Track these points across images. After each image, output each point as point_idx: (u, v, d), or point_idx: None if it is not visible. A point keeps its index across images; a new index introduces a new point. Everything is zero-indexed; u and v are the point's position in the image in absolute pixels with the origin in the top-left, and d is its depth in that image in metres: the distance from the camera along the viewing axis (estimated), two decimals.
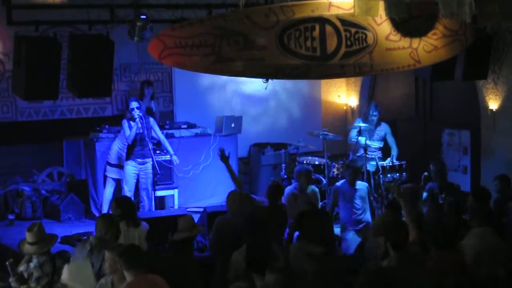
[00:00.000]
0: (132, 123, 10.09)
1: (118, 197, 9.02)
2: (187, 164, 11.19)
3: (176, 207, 10.73)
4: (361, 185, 9.78)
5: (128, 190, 10.11)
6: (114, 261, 5.94)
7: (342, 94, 13.73)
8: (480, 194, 7.89)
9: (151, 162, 10.18)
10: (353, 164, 10.05)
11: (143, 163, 10.19)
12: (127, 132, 10.08)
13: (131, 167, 10.17)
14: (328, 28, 8.60)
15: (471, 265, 6.25)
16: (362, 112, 12.79)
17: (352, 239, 9.37)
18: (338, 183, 9.92)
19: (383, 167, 10.98)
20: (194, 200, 11.10)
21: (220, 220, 7.73)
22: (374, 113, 11.30)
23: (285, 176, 11.44)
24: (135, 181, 10.21)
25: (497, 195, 8.68)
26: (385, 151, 11.47)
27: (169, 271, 6.20)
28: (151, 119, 10.48)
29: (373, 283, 5.07)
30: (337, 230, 9.43)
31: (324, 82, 13.54)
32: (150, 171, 10.22)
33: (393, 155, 11.26)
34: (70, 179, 11.52)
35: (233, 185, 11.42)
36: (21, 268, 6.55)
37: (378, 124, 11.39)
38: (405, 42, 8.97)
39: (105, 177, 10.68)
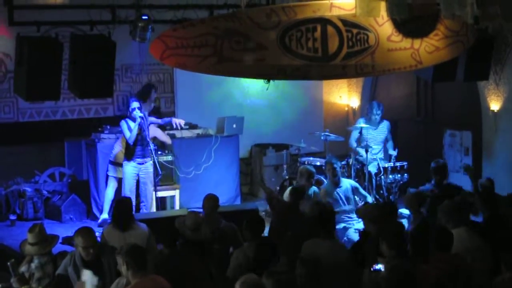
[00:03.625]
0: (131, 123, 10.05)
1: (118, 199, 8.99)
2: (189, 164, 11.18)
3: (177, 207, 10.71)
4: (346, 183, 9.73)
5: (128, 191, 10.08)
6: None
7: (344, 95, 13.73)
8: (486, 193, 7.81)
9: (151, 162, 10.17)
10: (328, 161, 9.88)
11: (143, 163, 10.17)
12: (127, 133, 10.04)
13: (131, 168, 10.14)
14: (330, 29, 8.61)
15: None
16: (363, 112, 12.78)
17: None
18: (324, 184, 9.90)
19: (384, 168, 10.97)
20: (195, 200, 11.05)
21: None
22: (377, 112, 11.30)
23: (287, 177, 11.44)
24: (135, 181, 10.19)
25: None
26: (387, 152, 11.48)
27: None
28: (151, 119, 10.49)
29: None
30: None
31: (325, 83, 13.54)
32: (151, 170, 10.20)
33: (388, 148, 11.26)
34: (71, 180, 11.52)
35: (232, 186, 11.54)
36: (23, 268, 6.55)
37: (380, 123, 11.40)
38: (406, 43, 8.98)
39: (107, 177, 10.67)
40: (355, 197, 9.66)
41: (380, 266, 5.72)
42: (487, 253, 6.43)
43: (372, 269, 5.76)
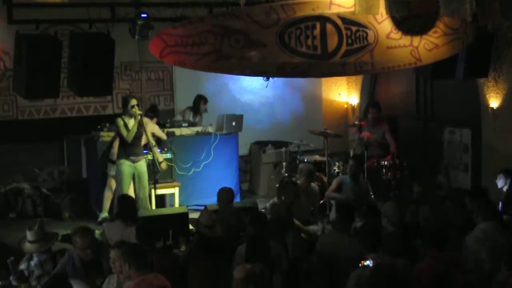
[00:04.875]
0: (128, 120, 9.99)
1: (121, 195, 9.00)
2: (188, 162, 11.18)
3: (176, 205, 10.71)
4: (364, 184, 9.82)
5: (126, 189, 10.02)
6: (122, 260, 5.94)
7: (343, 92, 13.73)
8: (476, 192, 7.88)
9: (144, 159, 10.14)
10: (351, 161, 10.03)
11: (138, 161, 10.11)
12: (123, 130, 9.94)
13: (127, 166, 10.06)
14: (329, 27, 8.60)
15: (475, 262, 6.27)
16: (362, 110, 12.80)
17: None
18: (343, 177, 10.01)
19: (384, 165, 10.98)
20: (195, 198, 11.09)
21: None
22: (372, 111, 11.40)
23: (286, 174, 11.44)
24: (131, 179, 10.13)
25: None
26: (386, 149, 11.48)
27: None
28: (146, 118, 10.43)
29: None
30: None
31: (325, 80, 13.54)
32: (145, 168, 10.16)
33: (392, 152, 11.29)
34: (70, 178, 11.51)
35: (232, 184, 11.52)
36: (22, 266, 6.56)
37: (377, 121, 11.43)
38: (406, 40, 8.97)
39: (105, 175, 10.66)
40: None
41: (368, 262, 5.73)
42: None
43: (360, 265, 5.77)
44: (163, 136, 10.87)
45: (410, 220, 7.58)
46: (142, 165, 10.13)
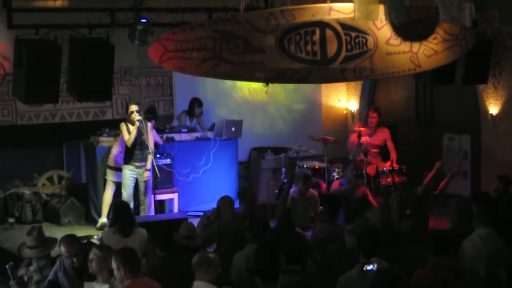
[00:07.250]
0: (130, 126, 10.02)
1: (117, 202, 8.98)
2: (187, 167, 11.18)
3: (176, 210, 10.71)
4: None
5: (126, 195, 10.05)
6: (102, 261, 5.92)
7: (343, 98, 13.73)
8: (480, 197, 7.86)
9: (149, 166, 10.14)
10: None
11: (141, 167, 10.13)
12: (126, 135, 10.00)
13: (129, 171, 10.10)
14: (329, 32, 8.62)
15: (471, 267, 6.26)
16: (362, 116, 12.79)
17: None
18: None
19: (382, 171, 10.97)
20: (194, 204, 11.08)
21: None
22: (373, 115, 11.42)
23: (285, 180, 11.43)
24: (133, 185, 10.15)
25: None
26: (385, 155, 11.47)
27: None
28: (149, 124, 10.42)
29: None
30: None
31: (324, 86, 13.53)
32: (148, 174, 10.17)
33: (392, 160, 11.27)
34: (70, 183, 11.50)
35: (231, 190, 11.51)
36: (21, 271, 6.54)
37: (378, 128, 11.41)
38: (405, 46, 8.98)
39: (105, 180, 10.66)
40: None
41: (372, 266, 5.71)
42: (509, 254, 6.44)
43: (363, 269, 5.74)
44: (159, 140, 10.89)
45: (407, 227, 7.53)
46: (144, 171, 10.15)
